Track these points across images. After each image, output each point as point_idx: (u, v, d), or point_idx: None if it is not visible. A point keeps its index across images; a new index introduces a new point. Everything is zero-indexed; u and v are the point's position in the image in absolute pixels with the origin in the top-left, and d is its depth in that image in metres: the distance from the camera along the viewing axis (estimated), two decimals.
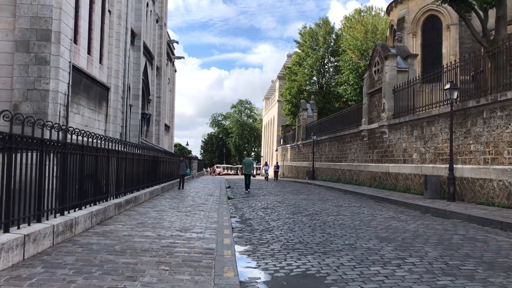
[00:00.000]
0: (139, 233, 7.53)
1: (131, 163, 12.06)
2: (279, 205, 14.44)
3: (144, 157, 14.22)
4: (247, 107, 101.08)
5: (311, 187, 25.87)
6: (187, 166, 19.88)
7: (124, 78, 27.24)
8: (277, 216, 11.46)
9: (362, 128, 24.66)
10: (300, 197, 17.91)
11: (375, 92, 23.57)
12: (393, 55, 21.68)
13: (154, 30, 39.77)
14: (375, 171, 22.78)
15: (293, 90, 48.43)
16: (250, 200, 16.36)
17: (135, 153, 12.67)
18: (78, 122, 20.11)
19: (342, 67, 41.75)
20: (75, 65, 19.23)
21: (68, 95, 17.23)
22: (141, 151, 13.88)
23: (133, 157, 12.45)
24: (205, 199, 15.09)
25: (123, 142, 11.13)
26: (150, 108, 38.72)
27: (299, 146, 43.64)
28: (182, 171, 19.80)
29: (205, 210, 11.57)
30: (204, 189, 20.19)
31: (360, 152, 25.59)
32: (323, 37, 47.71)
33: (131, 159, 12.11)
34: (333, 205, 14.39)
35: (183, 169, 19.80)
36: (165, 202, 13.36)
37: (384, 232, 8.89)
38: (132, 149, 12.17)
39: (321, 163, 34.61)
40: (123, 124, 27.30)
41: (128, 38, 27.78)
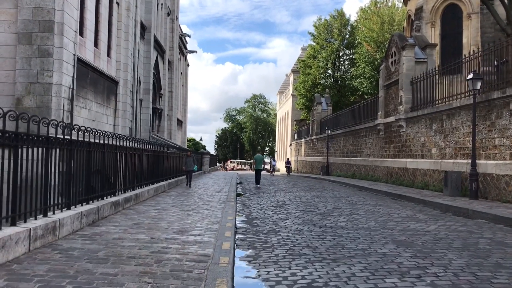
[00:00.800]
0: (131, 235, 6.88)
1: (131, 159, 11.45)
2: (290, 202, 13.70)
3: (147, 153, 13.61)
4: (261, 102, 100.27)
5: (325, 183, 25.06)
6: (194, 161, 18.53)
7: (133, 72, 26.74)
8: (286, 215, 10.73)
9: (378, 122, 23.72)
10: (312, 194, 17.14)
11: (391, 84, 22.59)
12: (411, 45, 20.67)
13: (165, 23, 39.20)
14: (392, 167, 21.86)
15: (307, 83, 47.45)
16: (260, 197, 15.66)
17: (137, 148, 12.05)
18: (85, 116, 19.64)
19: (357, 59, 40.62)
20: (81, 58, 18.72)
21: (73, 89, 16.73)
22: (144, 145, 13.25)
23: (135, 152, 11.83)
24: (212, 196, 14.43)
25: (122, 136, 10.49)
26: (161, 102, 38.25)
27: (313, 141, 42.76)
28: (189, 167, 18.40)
29: (209, 208, 10.90)
30: (214, 186, 19.54)
31: (376, 147, 24.65)
32: (338, 29, 46.59)
33: (132, 154, 11.49)
34: (347, 203, 13.59)
35: (190, 165, 18.39)
36: (169, 199, 12.73)
37: (402, 234, 8.09)
38: (132, 144, 11.53)
39: (336, 158, 33.71)
40: (133, 119, 26.83)
41: (137, 31, 27.23)
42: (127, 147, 10.80)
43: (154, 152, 14.87)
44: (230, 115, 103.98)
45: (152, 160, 14.40)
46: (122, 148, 10.28)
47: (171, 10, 41.78)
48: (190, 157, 18.67)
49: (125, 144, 10.48)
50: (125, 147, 10.57)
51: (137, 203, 11.12)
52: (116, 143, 9.82)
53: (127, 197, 10.24)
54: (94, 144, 8.50)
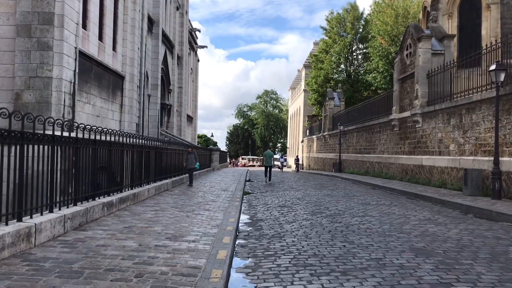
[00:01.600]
0: (117, 242, 6.20)
1: (128, 156, 10.79)
2: (298, 202, 12.94)
3: (148, 149, 12.94)
4: (272, 98, 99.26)
5: (337, 181, 24.21)
6: (197, 158, 17.06)
7: (140, 67, 26.15)
8: (294, 217, 9.97)
9: (392, 117, 22.78)
10: (323, 192, 16.35)
11: (407, 77, 21.62)
12: (427, 37, 19.68)
13: (174, 17, 38.58)
14: (407, 164, 20.93)
15: (319, 78, 46.45)
16: (268, 196, 14.92)
17: (135, 144, 11.38)
18: (89, 112, 19.08)
19: (371, 53, 39.49)
20: (84, 52, 18.14)
21: (74, 83, 16.16)
22: (145, 142, 12.58)
23: (133, 149, 11.16)
24: (216, 195, 13.72)
25: (115, 132, 9.82)
26: (170, 98, 37.69)
27: (325, 137, 41.85)
28: (191, 164, 16.95)
29: (211, 209, 10.19)
30: (221, 183, 18.84)
31: (390, 143, 23.72)
32: (351, 22, 45.47)
33: (129, 151, 10.83)
34: (359, 203, 12.78)
35: (191, 163, 16.91)
36: (171, 199, 12.06)
37: (420, 240, 7.29)
38: (128, 140, 10.87)
39: (348, 155, 32.80)
40: (140, 115, 26.28)
41: (144, 24, 26.62)
42: (123, 143, 10.13)
43: (156, 149, 14.20)
44: (241, 111, 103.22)
45: (154, 157, 13.74)
46: (116, 145, 9.60)
47: (180, 4, 41.13)
48: (191, 153, 17.28)
49: (120, 140, 9.80)
50: (120, 143, 9.90)
51: (135, 203, 10.46)
52: (108, 139, 9.13)
53: (123, 197, 9.58)
54: (83, 140, 7.83)
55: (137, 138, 11.75)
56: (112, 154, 9.36)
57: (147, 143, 12.61)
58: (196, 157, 17.17)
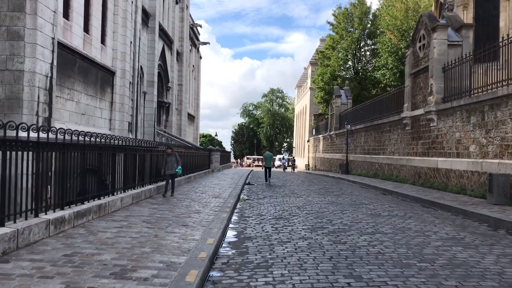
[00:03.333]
0: (37, 283, 4.53)
1: (97, 159, 9.15)
2: (298, 212, 11.22)
3: (125, 151, 11.28)
4: (278, 96, 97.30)
5: (343, 184, 22.44)
6: (178, 161, 13.61)
7: (133, 62, 24.55)
8: (289, 234, 8.26)
9: (404, 115, 20.96)
10: (327, 199, 14.61)
11: (420, 72, 19.80)
12: (443, 26, 17.86)
13: (173, 12, 36.97)
14: (420, 166, 19.12)
15: (326, 76, 44.57)
16: (264, 204, 13.20)
17: (103, 145, 9.71)
18: (71, 109, 17.51)
19: (380, 49, 37.61)
20: (65, 43, 16.55)
21: (52, 77, 14.57)
22: (119, 142, 10.92)
23: (101, 151, 9.50)
24: (205, 203, 12.04)
25: (79, 132, 8.16)
26: (169, 96, 36.09)
27: (332, 137, 40.05)
28: (170, 169, 13.41)
29: (191, 224, 8.51)
30: (215, 188, 17.14)
31: (401, 143, 21.90)
32: (359, 18, 43.54)
33: (95, 153, 9.17)
34: (368, 214, 11.03)
35: (171, 167, 13.41)
36: (148, 209, 10.38)
37: (450, 275, 5.54)
38: (100, 141, 9.21)
39: (356, 155, 30.98)
40: (133, 113, 24.68)
41: (138, 17, 25.01)
42: (85, 144, 8.46)
43: (136, 150, 12.52)
44: (246, 110, 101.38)
45: (132, 160, 12.07)
46: (70, 147, 7.89)
47: None
48: (171, 155, 13.54)
49: (76, 140, 8.10)
50: (80, 145, 8.23)
51: (100, 216, 8.80)
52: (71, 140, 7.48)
53: (81, 210, 7.91)
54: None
55: (108, 138, 10.10)
56: (66, 157, 7.69)
57: (121, 144, 10.93)
58: (177, 160, 13.58)
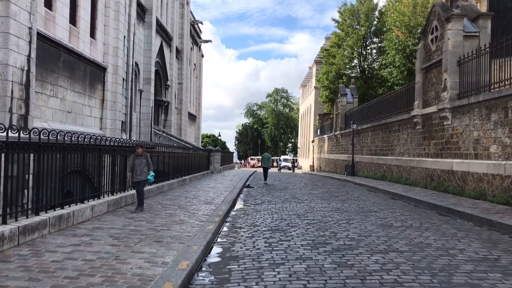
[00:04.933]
0: None
1: (60, 161, 7.80)
2: (298, 222, 9.82)
3: (99, 152, 9.92)
4: (283, 96, 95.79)
5: (349, 187, 20.99)
6: (150, 164, 10.57)
7: (127, 58, 23.23)
8: (285, 252, 6.87)
9: (414, 114, 19.48)
10: (331, 205, 13.18)
11: (432, 66, 18.33)
12: (458, 16, 16.39)
13: (172, 7, 35.67)
14: (432, 168, 17.65)
15: (331, 74, 43.09)
16: (261, 211, 11.82)
17: (68, 145, 8.35)
18: (55, 107, 16.19)
19: (387, 47, 36.06)
20: (47, 35, 15.24)
21: (29, 71, 13.27)
22: (90, 141, 9.55)
23: (64, 152, 8.14)
24: (193, 211, 10.67)
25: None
26: (168, 94, 34.79)
27: (337, 137, 38.58)
28: (139, 174, 10.34)
29: (166, 240, 7.13)
30: (209, 192, 15.75)
31: (411, 144, 20.43)
32: (365, 14, 42.02)
33: (57, 154, 7.82)
34: (379, 225, 9.61)
35: (141, 172, 10.33)
36: (122, 220, 8.99)
37: None
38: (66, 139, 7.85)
39: (362, 156, 29.51)
40: (126, 112, 23.35)
41: (132, 10, 23.71)
42: (39, 144, 7.09)
43: (114, 151, 11.14)
44: (251, 110, 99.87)
45: (110, 162, 10.70)
46: (48, 148, 6.52)
47: None
48: (141, 156, 10.40)
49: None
50: (59, 145, 6.86)
51: (61, 230, 7.44)
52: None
53: (32, 224, 6.55)
54: None
55: (77, 137, 8.74)
56: (42, 159, 6.34)
57: (92, 143, 9.56)
58: (148, 163, 10.49)
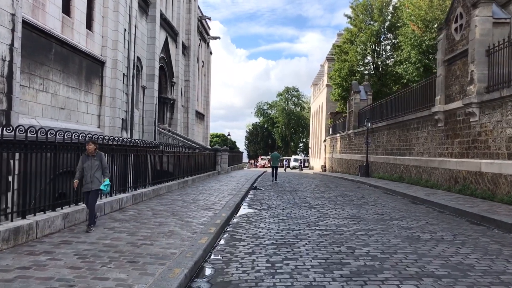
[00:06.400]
0: None
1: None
2: (308, 233, 8.39)
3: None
4: (294, 95, 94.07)
5: (364, 190, 19.47)
6: (105, 169, 8.04)
7: (128, 52, 21.97)
8: (290, 277, 5.47)
9: (435, 110, 17.92)
10: (346, 211, 11.72)
11: (456, 57, 16.76)
12: (487, 1, 14.82)
13: (178, 1, 34.40)
14: (457, 170, 16.09)
15: (343, 71, 41.46)
16: (267, 218, 10.41)
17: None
18: (46, 102, 14.95)
19: (402, 42, 34.32)
20: (35, 24, 14.00)
21: (12, 62, 12.02)
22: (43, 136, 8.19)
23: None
24: (187, 219, 9.29)
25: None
26: (174, 92, 33.52)
27: (350, 136, 37.00)
28: (89, 182, 7.89)
29: (144, 259, 5.77)
30: (211, 195, 14.37)
31: (432, 143, 18.85)
32: (379, 9, 40.31)
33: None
34: (404, 237, 8.13)
35: (91, 178, 7.89)
36: (101, 229, 7.66)
37: None
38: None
39: (377, 156, 27.93)
40: (128, 109, 22.10)
41: (134, 2, 22.45)
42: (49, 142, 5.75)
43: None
44: (261, 109, 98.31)
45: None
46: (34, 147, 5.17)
47: None
48: (93, 157, 7.99)
49: None
50: (48, 143, 5.52)
51: (17, 245, 6.11)
52: None
53: None
54: None
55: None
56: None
57: (68, 141, 8.20)
58: (103, 166, 8.00)
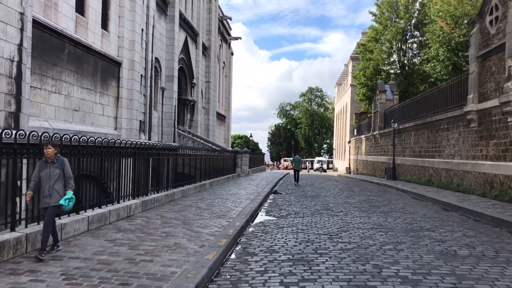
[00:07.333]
0: None
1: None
2: (329, 247, 7.55)
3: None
4: (317, 95, 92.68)
5: (391, 194, 18.42)
6: (68, 179, 6.14)
7: (146, 52, 21.49)
8: None
9: (468, 109, 16.76)
10: (372, 220, 10.79)
11: (491, 52, 15.59)
12: None
13: (198, 1, 33.91)
14: (493, 173, 14.92)
15: (368, 70, 40.23)
16: (285, 227, 9.60)
17: None
18: (58, 104, 14.50)
19: (429, 39, 32.91)
20: (47, 24, 13.58)
21: (20, 63, 11.58)
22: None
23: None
24: (198, 229, 8.58)
25: None
26: (194, 93, 33.02)
27: (376, 137, 35.77)
28: (47, 196, 6.08)
29: (139, 281, 5.06)
30: (227, 201, 13.60)
31: (464, 144, 17.68)
32: (405, 6, 38.94)
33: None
34: (437, 252, 7.20)
35: (49, 190, 6.07)
36: (100, 242, 6.98)
37: None
38: None
39: (404, 158, 26.73)
40: (146, 111, 21.62)
41: (151, 1, 21.95)
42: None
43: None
44: (284, 110, 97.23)
45: (100, 164, 8.71)
46: None
47: None
48: (52, 164, 6.18)
49: None
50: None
51: (2, 262, 5.49)
52: None
53: None
54: None
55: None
56: None
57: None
58: (66, 175, 6.22)
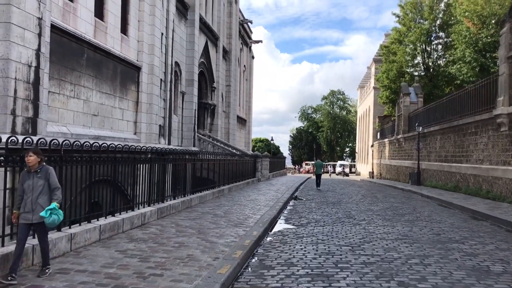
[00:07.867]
0: None
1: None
2: (350, 260, 7.13)
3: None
4: (339, 98, 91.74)
5: (416, 201, 17.78)
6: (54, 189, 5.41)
7: (166, 57, 21.40)
8: None
9: (498, 113, 16.03)
10: (396, 229, 10.29)
11: None
12: None
13: (219, 5, 33.81)
14: None
15: (391, 73, 39.38)
16: (304, 237, 9.20)
17: None
18: (77, 109, 14.45)
19: (455, 40, 31.98)
20: (65, 29, 13.54)
21: (38, 68, 11.53)
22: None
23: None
24: (212, 238, 8.26)
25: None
26: (214, 97, 32.88)
27: (400, 141, 34.93)
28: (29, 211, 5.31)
29: None
30: (246, 207, 13.23)
31: (493, 149, 16.92)
32: (429, 6, 37.95)
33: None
34: (468, 268, 6.70)
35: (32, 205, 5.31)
36: (110, 253, 6.73)
37: None
38: None
39: (430, 163, 25.92)
40: (165, 115, 21.50)
41: (171, 5, 21.88)
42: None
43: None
44: (305, 113, 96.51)
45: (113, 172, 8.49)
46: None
47: None
48: (35, 173, 5.42)
49: None
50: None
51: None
52: None
53: None
54: None
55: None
56: None
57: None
58: (52, 185, 5.44)
